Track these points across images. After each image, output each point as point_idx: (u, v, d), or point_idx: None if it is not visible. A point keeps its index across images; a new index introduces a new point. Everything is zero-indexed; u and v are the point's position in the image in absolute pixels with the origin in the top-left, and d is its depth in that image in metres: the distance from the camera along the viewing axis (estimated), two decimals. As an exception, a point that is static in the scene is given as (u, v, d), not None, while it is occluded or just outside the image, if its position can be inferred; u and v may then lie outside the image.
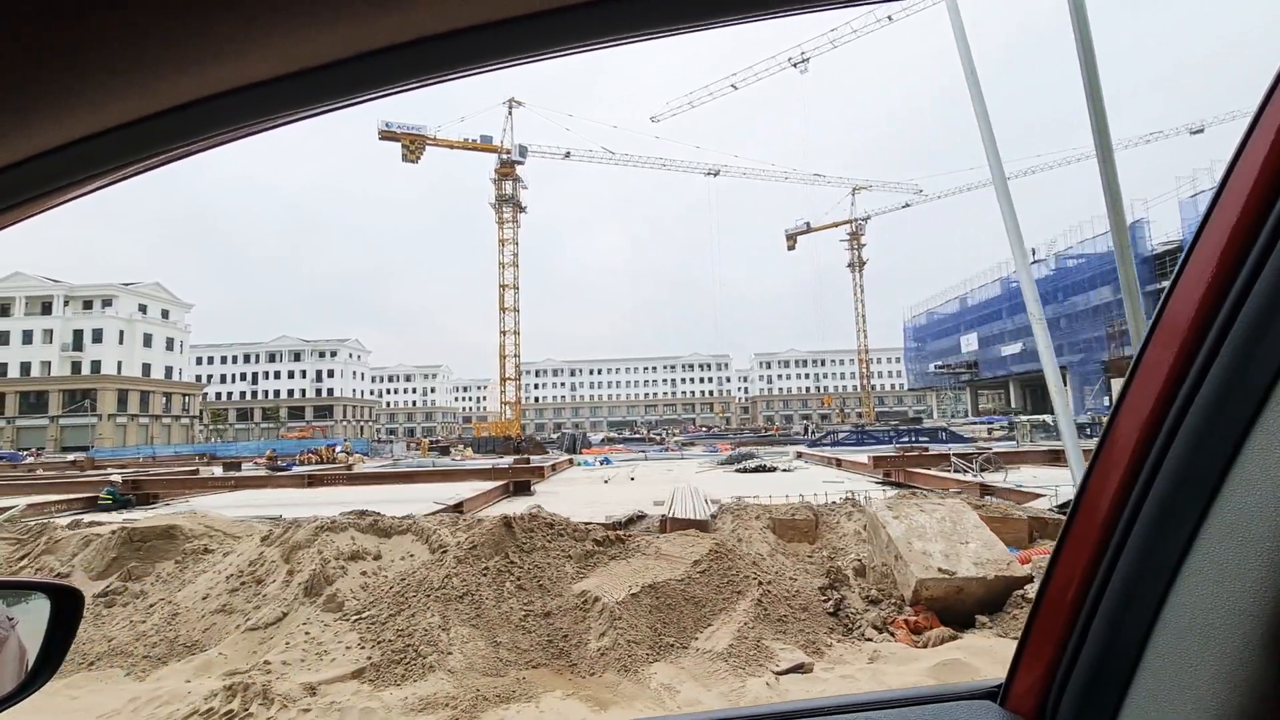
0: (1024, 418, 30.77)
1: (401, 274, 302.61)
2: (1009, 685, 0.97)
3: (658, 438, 61.04)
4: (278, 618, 4.21)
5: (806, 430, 63.75)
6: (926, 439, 39.09)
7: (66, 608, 1.07)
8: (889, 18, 54.95)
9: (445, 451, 48.98)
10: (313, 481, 18.73)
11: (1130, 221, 52.04)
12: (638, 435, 64.50)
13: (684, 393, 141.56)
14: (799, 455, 31.88)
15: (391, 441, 61.95)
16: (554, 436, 60.81)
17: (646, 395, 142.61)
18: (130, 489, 17.36)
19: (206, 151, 0.64)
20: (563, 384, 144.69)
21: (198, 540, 5.81)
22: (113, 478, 17.30)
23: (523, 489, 17.44)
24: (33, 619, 1.05)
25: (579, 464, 31.08)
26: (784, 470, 24.45)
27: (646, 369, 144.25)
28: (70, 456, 44.29)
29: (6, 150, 0.54)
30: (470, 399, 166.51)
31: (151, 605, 4.50)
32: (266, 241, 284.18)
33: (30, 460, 45.03)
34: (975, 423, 54.93)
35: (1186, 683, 0.68)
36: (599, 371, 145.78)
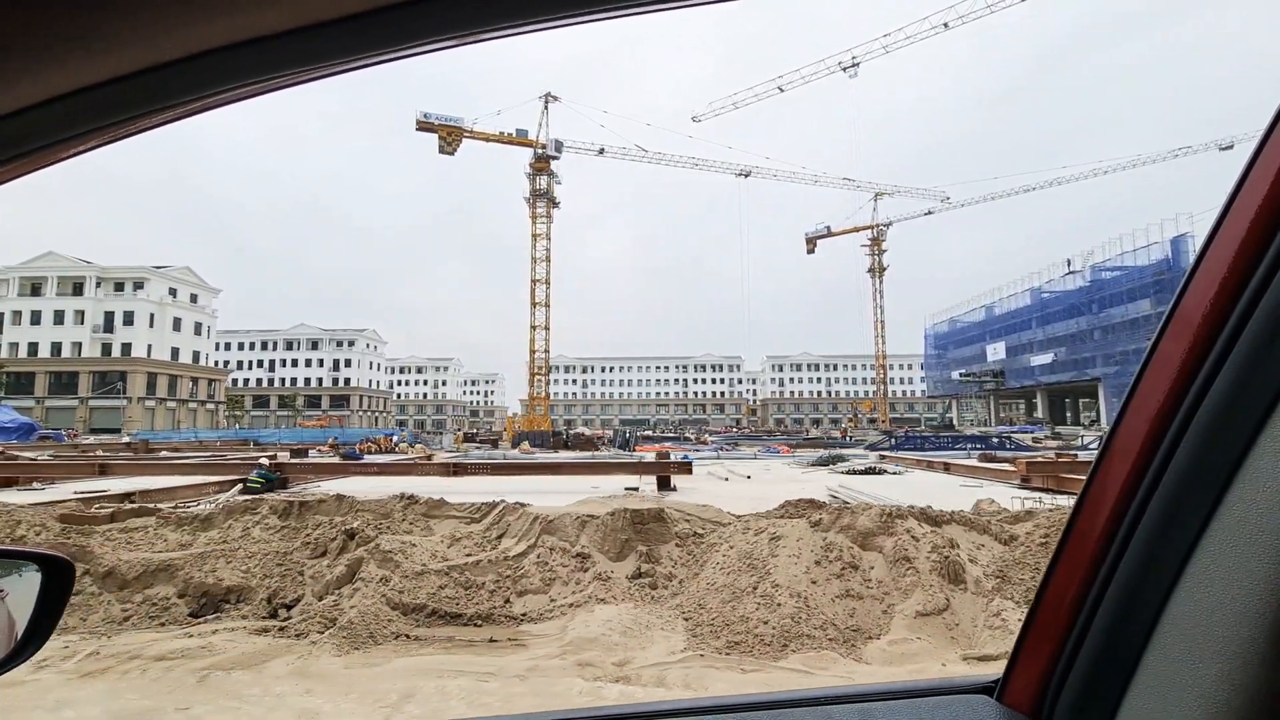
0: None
1: (404, 270, 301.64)
2: (1007, 680, 0.97)
3: (693, 437, 61.07)
4: (942, 606, 4.22)
5: (844, 434, 63.84)
6: (981, 445, 39.24)
7: (57, 578, 1.05)
8: (944, 25, 54.98)
9: (495, 444, 48.85)
10: (458, 470, 18.70)
11: (1172, 236, 52.68)
12: (672, 435, 64.45)
13: (696, 393, 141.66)
14: (882, 458, 31.91)
15: (441, 433, 61.71)
16: (571, 434, 60.50)
17: (658, 394, 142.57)
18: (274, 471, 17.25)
19: (220, 108, 0.61)
20: (574, 380, 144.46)
21: (682, 524, 5.82)
22: (261, 460, 17.19)
23: (664, 484, 17.42)
24: (23, 589, 1.03)
25: (660, 461, 31.04)
26: (892, 474, 24.47)
27: (658, 368, 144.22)
28: (125, 438, 43.88)
29: (12, 96, 0.52)
30: (478, 393, 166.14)
31: (754, 588, 4.47)
32: (268, 236, 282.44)
33: (69, 440, 44.43)
34: (1014, 431, 55.22)
35: (1189, 682, 0.67)
36: (610, 369, 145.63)
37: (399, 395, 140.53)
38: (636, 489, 16.83)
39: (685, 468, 19.01)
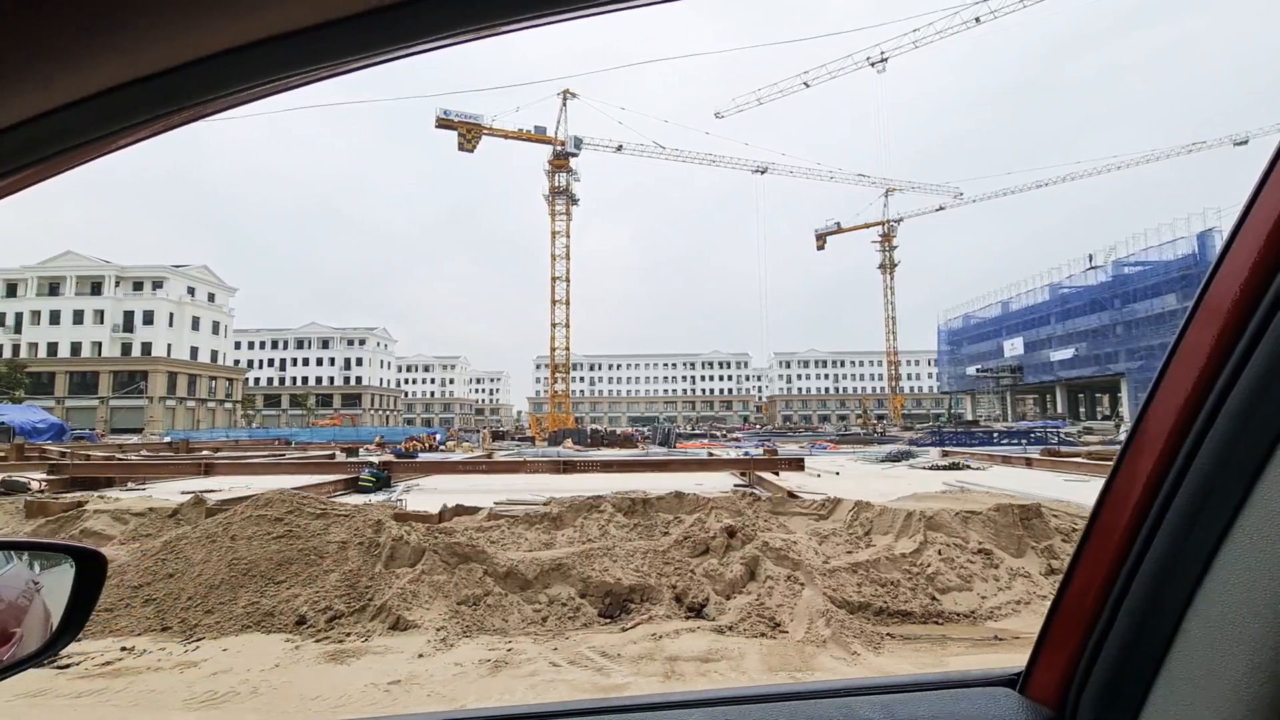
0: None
1: (406, 270, 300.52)
2: (1029, 673, 0.96)
3: (719, 434, 61.36)
4: None
5: (878, 429, 64.22)
6: (1024, 440, 39.43)
7: (90, 571, 1.07)
8: (976, 19, 54.94)
9: (533, 441, 48.75)
10: (568, 468, 18.67)
11: (1198, 231, 52.97)
12: (701, 433, 64.65)
13: (703, 390, 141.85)
14: (944, 454, 31.88)
15: (477, 430, 61.62)
16: (607, 432, 60.48)
17: (666, 392, 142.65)
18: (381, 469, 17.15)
19: (235, 109, 0.62)
20: (582, 378, 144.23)
21: (1052, 520, 5.76)
22: (372, 459, 17.07)
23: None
24: (60, 582, 1.05)
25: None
26: (975, 469, 24.49)
27: (666, 364, 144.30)
28: (166, 438, 43.45)
29: (32, 102, 0.52)
30: (484, 390, 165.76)
31: None
32: (270, 234, 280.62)
33: (100, 440, 43.86)
34: (1040, 426, 55.55)
35: (1219, 673, 0.66)
36: (617, 367, 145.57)
37: (407, 394, 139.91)
38: (749, 486, 16.84)
39: (797, 464, 19.04)
